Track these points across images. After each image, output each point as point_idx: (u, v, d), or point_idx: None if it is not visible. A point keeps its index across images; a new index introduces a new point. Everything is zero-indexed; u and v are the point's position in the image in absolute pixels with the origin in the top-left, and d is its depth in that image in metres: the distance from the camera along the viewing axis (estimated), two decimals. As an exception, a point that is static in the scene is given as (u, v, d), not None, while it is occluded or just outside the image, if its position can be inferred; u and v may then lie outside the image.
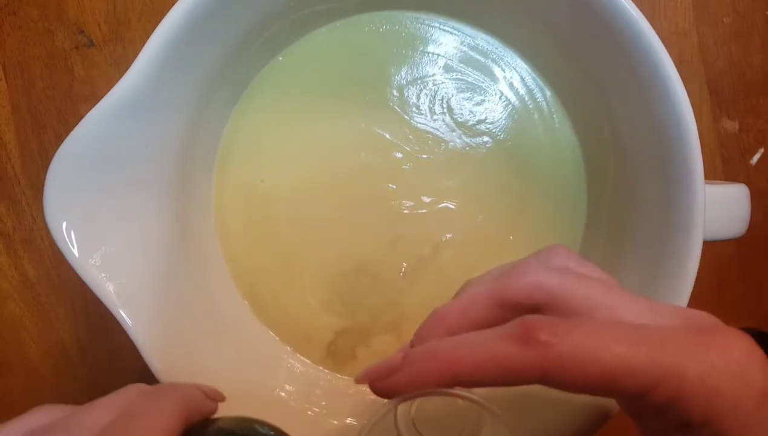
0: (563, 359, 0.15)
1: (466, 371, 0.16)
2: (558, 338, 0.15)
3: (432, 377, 0.16)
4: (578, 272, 0.18)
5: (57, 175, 0.22)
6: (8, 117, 0.33)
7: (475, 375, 0.16)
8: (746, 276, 0.34)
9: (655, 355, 0.15)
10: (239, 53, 0.28)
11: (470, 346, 0.16)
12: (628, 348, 0.15)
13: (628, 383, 0.15)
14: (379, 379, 0.17)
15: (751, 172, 0.34)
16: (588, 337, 0.15)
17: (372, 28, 0.30)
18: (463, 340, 0.17)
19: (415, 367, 0.17)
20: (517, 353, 0.15)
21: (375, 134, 0.30)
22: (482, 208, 0.30)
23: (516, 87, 0.30)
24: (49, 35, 0.33)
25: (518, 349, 0.15)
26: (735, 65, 0.33)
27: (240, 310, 0.30)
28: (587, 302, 0.17)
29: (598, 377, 0.15)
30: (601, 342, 0.15)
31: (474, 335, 0.17)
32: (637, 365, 0.15)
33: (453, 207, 0.30)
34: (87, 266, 0.23)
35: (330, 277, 0.30)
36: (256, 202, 0.30)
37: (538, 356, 0.15)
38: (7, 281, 0.34)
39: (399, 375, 0.17)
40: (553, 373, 0.15)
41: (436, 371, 0.16)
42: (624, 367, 0.15)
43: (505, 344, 0.16)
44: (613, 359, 0.15)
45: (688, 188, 0.23)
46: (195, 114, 0.27)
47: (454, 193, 0.30)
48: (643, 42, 0.23)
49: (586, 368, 0.15)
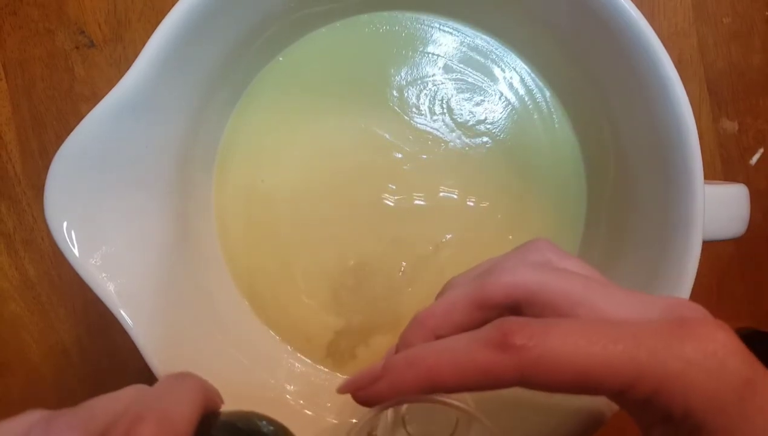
0: (540, 362, 0.15)
1: (446, 378, 0.16)
2: (533, 341, 0.15)
3: (411, 385, 0.16)
4: (559, 266, 0.19)
5: (57, 175, 0.23)
6: (9, 117, 0.33)
7: (454, 382, 0.16)
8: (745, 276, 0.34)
9: (631, 353, 0.15)
10: (239, 53, 0.28)
11: (449, 352, 0.16)
12: (604, 347, 0.15)
13: (607, 382, 0.15)
14: (361, 388, 0.17)
15: (751, 172, 0.34)
16: (564, 338, 0.15)
17: (372, 28, 0.30)
18: (442, 346, 0.17)
19: (394, 375, 0.17)
20: (494, 358, 0.16)
21: (375, 134, 0.30)
22: (482, 209, 0.30)
23: (516, 87, 0.30)
24: (49, 35, 0.33)
25: (495, 354, 0.16)
26: (734, 65, 0.33)
27: (240, 310, 0.30)
28: (567, 298, 0.17)
29: (576, 378, 0.15)
30: (576, 343, 0.15)
31: (452, 341, 0.17)
32: (614, 363, 0.15)
33: (452, 207, 0.30)
34: (87, 266, 0.23)
35: (330, 277, 0.30)
36: (256, 202, 0.30)
37: (515, 361, 0.15)
38: (8, 280, 0.34)
39: (379, 384, 0.17)
40: (531, 376, 0.15)
41: (415, 379, 0.16)
42: (601, 366, 0.15)
43: (482, 350, 0.16)
44: (590, 360, 0.15)
45: (687, 188, 0.23)
46: (195, 114, 0.27)
47: (453, 193, 0.30)
48: (643, 42, 0.23)
49: (564, 369, 0.15)
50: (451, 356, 0.16)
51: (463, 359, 0.16)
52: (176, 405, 0.15)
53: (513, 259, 0.19)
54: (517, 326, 0.16)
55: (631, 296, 0.17)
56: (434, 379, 0.16)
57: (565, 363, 0.15)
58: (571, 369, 0.15)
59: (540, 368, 0.15)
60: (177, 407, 0.15)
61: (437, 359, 0.16)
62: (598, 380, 0.15)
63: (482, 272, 0.19)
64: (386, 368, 0.17)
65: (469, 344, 0.16)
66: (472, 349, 0.16)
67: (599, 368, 0.15)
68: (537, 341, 0.15)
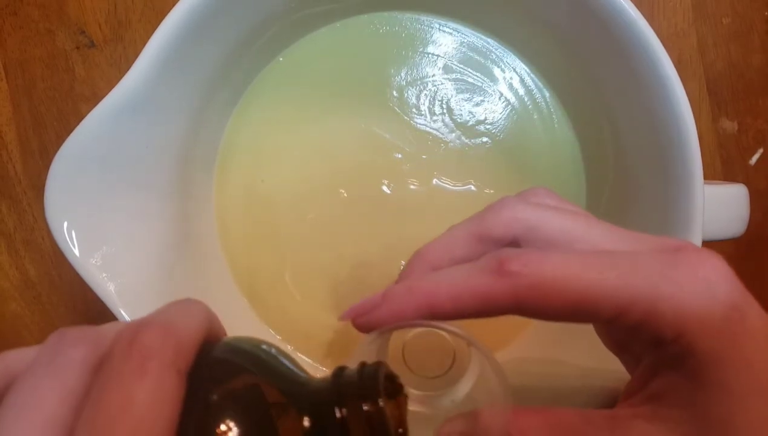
0: (535, 287, 0.16)
1: (443, 303, 0.16)
2: (529, 267, 0.16)
3: (410, 311, 0.17)
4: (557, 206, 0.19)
5: (58, 175, 0.23)
6: (9, 117, 0.33)
7: (451, 306, 0.16)
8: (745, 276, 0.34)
9: (626, 279, 0.15)
10: (240, 54, 0.28)
11: (447, 279, 0.17)
12: (599, 273, 0.15)
13: (602, 307, 0.15)
14: (360, 315, 0.18)
15: (750, 172, 0.34)
16: (560, 265, 0.16)
17: (372, 28, 0.30)
18: (441, 274, 0.17)
19: (394, 302, 0.17)
20: (491, 283, 0.16)
21: (375, 135, 0.30)
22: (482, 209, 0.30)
23: (515, 87, 0.30)
24: (49, 36, 0.33)
25: (492, 279, 0.16)
26: (734, 65, 0.33)
27: (240, 309, 0.30)
28: (564, 233, 0.17)
29: (570, 304, 0.15)
30: (572, 270, 0.16)
31: (451, 270, 0.17)
32: (608, 289, 0.15)
33: (452, 207, 0.30)
34: (88, 266, 0.23)
35: (330, 276, 0.30)
36: (256, 202, 0.30)
37: (511, 286, 0.16)
38: (9, 280, 0.34)
39: (379, 310, 0.17)
40: (526, 301, 0.16)
41: (414, 305, 0.17)
42: (596, 292, 0.15)
43: (479, 276, 0.16)
44: (585, 285, 0.15)
45: (687, 188, 0.23)
46: (196, 114, 0.27)
47: (453, 194, 0.30)
48: (642, 42, 0.23)
49: (559, 295, 0.15)
50: (449, 282, 0.17)
51: (461, 285, 0.16)
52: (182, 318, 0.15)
53: (514, 198, 0.19)
54: (514, 254, 0.16)
55: (629, 233, 0.17)
56: (432, 304, 0.17)
57: (560, 288, 0.15)
58: (566, 295, 0.15)
59: (535, 292, 0.16)
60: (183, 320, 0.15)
61: (436, 285, 0.17)
62: (592, 305, 0.15)
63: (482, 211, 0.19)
64: (386, 296, 0.17)
65: (467, 271, 0.17)
66: (470, 275, 0.16)
67: (594, 294, 0.15)
68: (533, 267, 0.16)
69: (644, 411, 0.17)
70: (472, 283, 0.16)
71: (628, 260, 0.16)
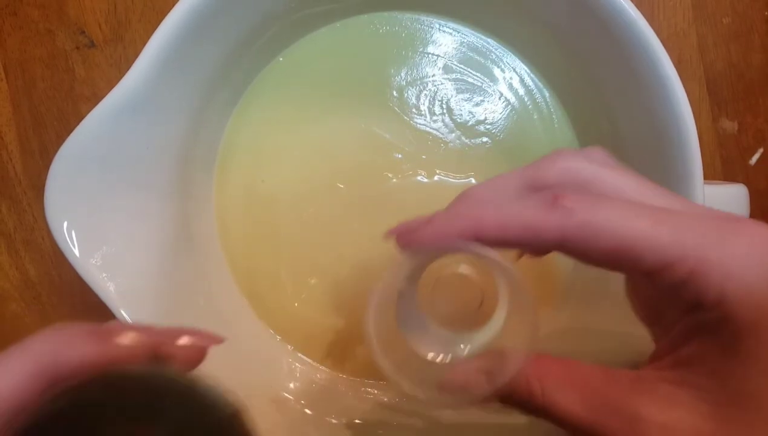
0: (585, 226, 0.15)
1: (489, 228, 0.16)
2: (582, 205, 0.16)
3: (455, 232, 0.17)
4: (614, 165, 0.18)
5: (58, 176, 0.23)
6: (9, 117, 0.33)
7: (496, 231, 0.16)
8: (745, 276, 0.34)
9: (678, 234, 0.15)
10: (240, 54, 0.28)
11: (496, 206, 0.17)
12: (652, 225, 0.15)
13: (647, 257, 0.15)
14: (406, 233, 0.18)
15: (750, 172, 0.34)
16: (613, 210, 0.15)
17: (372, 28, 0.30)
18: (490, 203, 0.17)
19: (440, 222, 0.17)
20: (540, 215, 0.16)
21: (375, 135, 0.30)
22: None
23: (515, 87, 0.30)
24: (49, 36, 0.33)
25: (543, 212, 0.16)
26: (734, 65, 0.33)
27: (240, 309, 0.30)
28: (618, 193, 0.17)
29: (616, 249, 0.15)
30: (625, 216, 0.15)
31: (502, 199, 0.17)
32: (658, 240, 0.15)
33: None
34: (88, 266, 0.23)
35: (330, 276, 0.30)
36: (256, 203, 0.30)
37: (560, 220, 0.16)
38: (9, 280, 0.34)
39: (425, 229, 0.17)
40: (573, 239, 0.16)
41: (459, 226, 0.17)
42: (645, 241, 0.15)
43: (531, 206, 0.16)
44: (635, 233, 0.15)
45: (687, 188, 0.23)
46: (196, 114, 0.27)
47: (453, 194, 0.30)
48: (642, 42, 0.23)
49: (607, 238, 0.15)
50: (498, 209, 0.16)
51: (510, 214, 0.16)
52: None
53: (570, 150, 0.19)
54: (570, 191, 0.16)
55: (686, 201, 0.17)
56: (478, 227, 0.16)
57: (609, 231, 0.15)
58: (614, 239, 0.15)
59: (584, 232, 0.15)
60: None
61: (484, 211, 0.17)
62: (638, 253, 0.15)
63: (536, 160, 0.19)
64: (433, 218, 0.17)
65: (519, 201, 0.17)
66: (522, 205, 0.16)
67: (642, 242, 0.15)
68: (586, 206, 0.16)
69: (672, 375, 0.16)
70: (523, 212, 0.16)
71: (684, 218, 0.16)
